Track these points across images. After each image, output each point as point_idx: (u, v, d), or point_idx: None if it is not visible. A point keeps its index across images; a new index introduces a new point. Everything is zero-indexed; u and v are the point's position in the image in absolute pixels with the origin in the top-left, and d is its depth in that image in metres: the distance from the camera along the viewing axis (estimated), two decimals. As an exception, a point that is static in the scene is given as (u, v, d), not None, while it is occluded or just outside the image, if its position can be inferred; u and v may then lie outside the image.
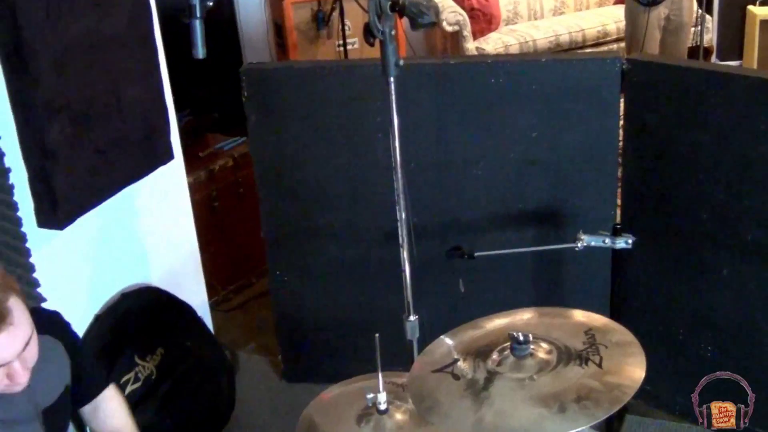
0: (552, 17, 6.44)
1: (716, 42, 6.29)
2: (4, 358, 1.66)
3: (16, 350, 1.68)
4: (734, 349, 3.00)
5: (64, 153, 2.64)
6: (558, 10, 6.49)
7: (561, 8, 6.50)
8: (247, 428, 3.44)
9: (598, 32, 6.19)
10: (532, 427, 1.64)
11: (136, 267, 3.30)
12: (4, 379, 1.70)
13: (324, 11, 5.44)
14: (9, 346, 1.66)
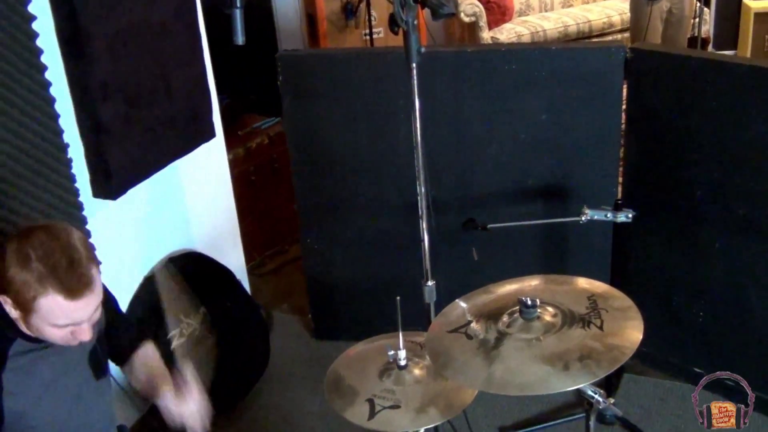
0: (561, 9, 6.40)
1: (713, 33, 6.22)
2: (77, 318, 1.69)
3: (89, 314, 1.71)
4: (724, 315, 2.99)
5: (117, 130, 2.66)
6: (567, 3, 6.44)
7: (569, 0, 6.45)
8: (280, 381, 3.47)
9: (603, 23, 6.13)
10: (538, 383, 1.64)
11: (181, 234, 3.32)
12: (69, 336, 1.72)
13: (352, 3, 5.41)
14: (84, 310, 1.69)
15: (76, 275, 1.65)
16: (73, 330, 1.72)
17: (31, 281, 1.63)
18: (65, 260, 1.64)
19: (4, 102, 2.30)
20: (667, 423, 3.02)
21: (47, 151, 2.46)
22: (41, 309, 1.65)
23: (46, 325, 1.69)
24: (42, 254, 1.63)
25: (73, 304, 1.66)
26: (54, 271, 1.63)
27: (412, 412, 1.94)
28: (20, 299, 1.66)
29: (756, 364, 2.97)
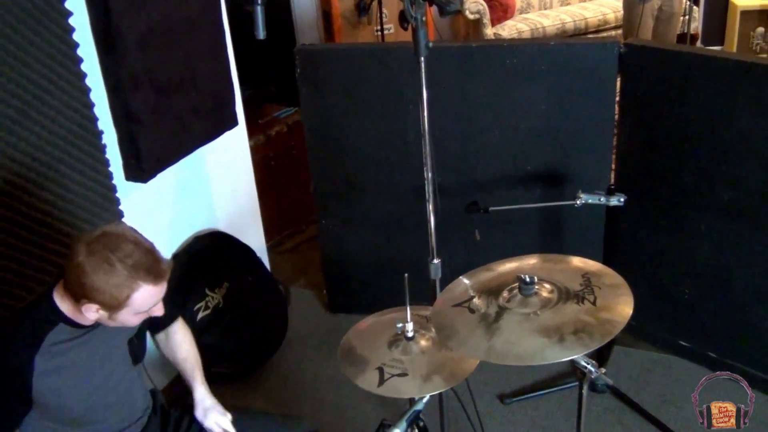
0: (559, 7, 6.36)
1: (701, 29, 6.17)
2: (160, 297, 1.76)
3: (161, 296, 1.77)
4: (709, 292, 2.98)
5: (147, 118, 2.66)
6: (565, 1, 6.40)
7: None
8: (296, 350, 3.49)
9: (599, 20, 6.10)
10: (535, 354, 1.64)
11: (206, 214, 3.33)
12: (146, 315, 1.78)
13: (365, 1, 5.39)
14: (162, 291, 1.75)
15: (156, 262, 1.70)
16: (149, 311, 1.77)
17: (121, 282, 1.66)
18: (142, 253, 1.68)
19: (44, 91, 2.30)
20: (653, 391, 3.02)
21: (83, 137, 2.47)
22: (134, 303, 1.69)
23: (132, 315, 1.73)
24: (122, 255, 1.66)
25: (158, 288, 1.72)
26: (139, 267, 1.66)
27: (419, 380, 1.94)
28: (112, 302, 1.68)
29: (737, 338, 2.97)
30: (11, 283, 2.26)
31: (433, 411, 2.41)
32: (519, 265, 1.96)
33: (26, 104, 2.26)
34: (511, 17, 6.13)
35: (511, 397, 3.05)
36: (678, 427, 2.80)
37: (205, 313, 3.13)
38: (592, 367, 1.79)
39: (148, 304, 1.74)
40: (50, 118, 2.34)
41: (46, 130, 2.33)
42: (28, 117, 2.26)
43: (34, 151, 2.30)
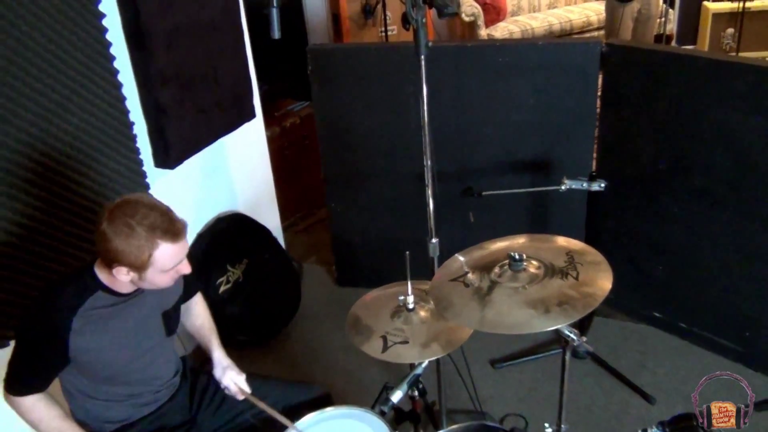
0: (547, 10, 6.31)
1: (676, 30, 6.12)
2: (182, 256, 1.74)
3: (184, 254, 1.76)
4: (681, 269, 2.98)
5: (174, 111, 2.65)
6: (552, 5, 6.35)
7: (555, 3, 6.36)
8: (309, 320, 3.50)
9: (583, 22, 6.05)
10: (523, 324, 1.64)
11: (228, 198, 3.33)
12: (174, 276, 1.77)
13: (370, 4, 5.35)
14: (184, 248, 1.74)
15: (172, 222, 1.69)
16: (176, 270, 1.75)
17: (142, 244, 1.65)
18: (158, 214, 1.67)
19: (80, 86, 2.30)
20: (629, 358, 3.02)
21: (116, 128, 2.47)
22: (157, 262, 1.68)
23: (158, 274, 1.72)
24: (140, 218, 1.65)
25: (178, 246, 1.70)
26: (155, 227, 1.65)
27: (418, 347, 1.95)
28: (137, 263, 1.68)
29: (706, 310, 2.97)
30: (50, 258, 2.27)
31: (431, 375, 2.41)
32: (509, 244, 1.96)
33: (65, 98, 2.25)
34: (503, 19, 6.09)
35: (501, 362, 3.06)
36: (652, 390, 2.81)
37: (227, 287, 3.14)
38: (575, 336, 1.79)
39: (172, 262, 1.72)
40: (86, 110, 2.34)
41: (83, 122, 2.33)
42: (66, 110, 2.26)
43: (72, 140, 2.30)
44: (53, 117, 2.23)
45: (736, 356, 2.92)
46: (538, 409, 2.78)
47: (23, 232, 2.19)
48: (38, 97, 2.17)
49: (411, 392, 2.12)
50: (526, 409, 2.80)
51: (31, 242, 2.21)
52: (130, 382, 1.91)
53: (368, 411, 1.91)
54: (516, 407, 2.81)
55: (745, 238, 2.72)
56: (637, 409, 2.75)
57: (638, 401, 2.79)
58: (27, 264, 2.22)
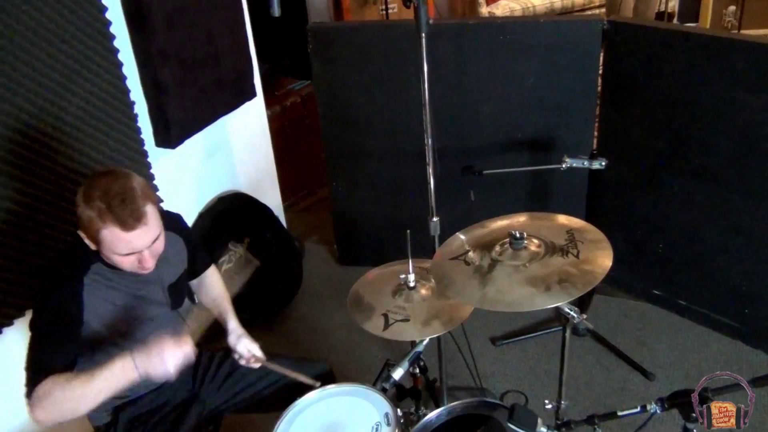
0: (549, -13, 6.24)
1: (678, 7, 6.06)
2: (136, 248, 1.69)
3: (146, 244, 1.70)
4: (680, 246, 2.99)
5: (174, 90, 2.64)
6: (554, -18, 6.28)
7: (556, -20, 6.29)
8: (310, 298, 3.51)
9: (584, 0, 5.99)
10: (524, 302, 1.65)
11: (229, 177, 3.32)
12: (136, 263, 1.73)
13: (371, -18, 5.31)
14: (140, 240, 1.68)
15: (128, 210, 1.64)
16: (138, 258, 1.72)
17: (94, 217, 1.64)
18: (120, 198, 1.64)
19: (81, 66, 2.29)
20: (629, 335, 3.04)
21: (116, 107, 2.46)
22: (105, 240, 1.66)
23: (112, 254, 1.70)
24: (101, 193, 1.63)
25: (128, 235, 1.65)
26: (110, 207, 1.63)
27: (419, 325, 1.95)
28: (89, 233, 1.68)
29: (704, 287, 2.98)
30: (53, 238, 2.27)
31: (432, 352, 2.43)
32: (510, 222, 1.96)
33: (66, 78, 2.24)
34: (504, -3, 6.03)
35: (501, 339, 3.08)
36: (650, 366, 2.83)
37: (229, 266, 3.15)
38: (575, 314, 1.80)
39: (121, 249, 1.67)
40: (86, 90, 2.33)
41: (83, 101, 2.32)
42: (67, 89, 2.25)
43: (72, 120, 2.30)
44: (53, 97, 2.22)
45: (735, 333, 2.93)
46: (538, 386, 2.80)
47: (25, 211, 2.19)
48: (38, 77, 2.16)
49: (412, 369, 2.14)
50: (527, 385, 2.82)
51: (33, 222, 2.22)
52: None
53: (370, 388, 1.92)
54: (516, 384, 2.83)
55: (744, 215, 2.71)
56: (636, 386, 2.77)
57: (637, 378, 2.81)
58: (29, 244, 2.22)
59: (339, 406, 1.89)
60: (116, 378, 1.63)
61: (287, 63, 4.44)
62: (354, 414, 1.84)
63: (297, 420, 1.86)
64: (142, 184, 1.72)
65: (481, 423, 1.80)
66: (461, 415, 1.84)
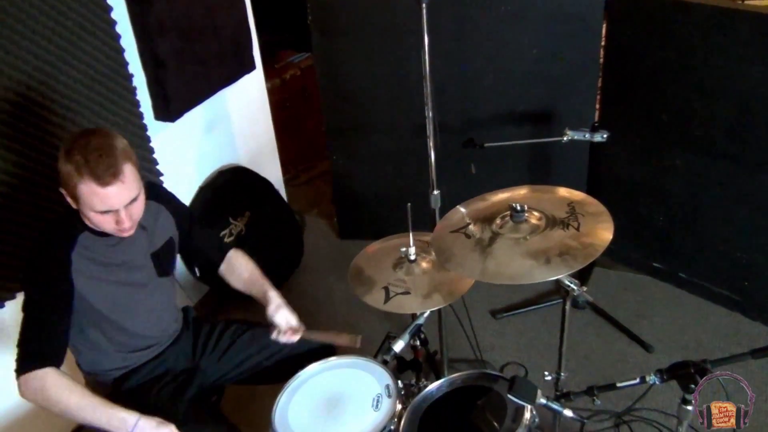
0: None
1: (682, -22, 5.98)
2: (112, 205, 1.68)
3: (122, 202, 1.69)
4: (680, 219, 2.98)
5: (173, 63, 2.62)
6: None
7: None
8: (311, 272, 3.52)
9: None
10: (524, 274, 1.65)
11: (229, 151, 3.31)
12: (113, 224, 1.72)
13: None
14: (116, 197, 1.67)
15: (104, 165, 1.63)
16: (115, 219, 1.71)
17: (72, 171, 1.64)
18: (98, 153, 1.63)
19: (78, 38, 2.27)
20: (628, 308, 3.05)
21: (115, 80, 2.44)
22: (82, 195, 1.66)
23: (90, 211, 1.69)
24: (80, 148, 1.63)
25: (103, 191, 1.64)
26: (87, 162, 1.62)
27: (420, 298, 1.96)
28: (68, 189, 1.68)
29: (704, 260, 2.98)
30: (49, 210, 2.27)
31: (432, 325, 2.44)
32: (510, 195, 1.95)
33: (63, 50, 2.22)
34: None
35: (501, 312, 3.09)
36: (649, 338, 2.84)
37: (230, 239, 3.15)
38: (575, 286, 1.80)
39: (97, 205, 1.67)
40: (84, 62, 2.31)
41: (81, 74, 2.30)
42: (64, 62, 2.24)
43: (71, 93, 2.28)
44: (52, 69, 2.20)
45: (734, 305, 2.94)
46: (538, 358, 2.82)
47: (21, 184, 2.18)
48: (36, 49, 2.14)
49: (413, 342, 2.15)
50: (526, 357, 2.83)
51: (30, 194, 2.21)
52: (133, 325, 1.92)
53: (371, 360, 1.93)
54: (516, 356, 2.85)
55: (745, 188, 2.71)
56: (635, 358, 2.79)
57: (637, 350, 2.82)
58: (26, 216, 2.22)
59: (340, 378, 1.90)
60: (110, 424, 1.65)
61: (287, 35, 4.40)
62: (355, 386, 1.86)
63: (299, 391, 1.87)
64: (124, 144, 1.72)
65: (482, 394, 1.81)
66: (461, 387, 1.85)
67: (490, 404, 1.76)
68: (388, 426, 1.71)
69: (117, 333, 1.89)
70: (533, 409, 1.69)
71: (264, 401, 1.87)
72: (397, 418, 1.74)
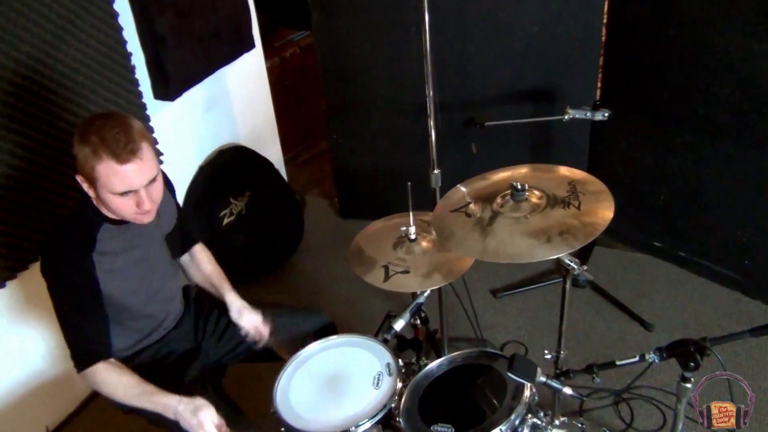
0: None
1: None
2: (131, 185, 1.66)
3: (142, 182, 1.67)
4: (681, 197, 2.98)
5: (172, 41, 2.60)
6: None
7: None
8: (312, 251, 3.52)
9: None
10: (524, 253, 1.65)
11: (229, 130, 3.30)
12: (134, 206, 1.70)
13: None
14: (135, 176, 1.65)
15: (122, 142, 1.61)
16: (136, 201, 1.68)
17: (88, 153, 1.61)
18: (114, 131, 1.61)
19: (76, 16, 2.25)
20: (628, 287, 3.05)
21: (113, 58, 2.43)
22: (100, 176, 1.63)
23: (109, 195, 1.66)
24: (96, 129, 1.61)
25: (122, 169, 1.62)
26: (104, 141, 1.60)
27: (420, 277, 1.96)
28: (86, 172, 1.65)
29: (704, 239, 2.99)
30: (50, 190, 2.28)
31: (433, 303, 2.45)
32: (511, 174, 1.95)
33: (60, 29, 2.21)
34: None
35: (502, 291, 3.10)
36: (650, 317, 2.85)
37: (230, 219, 3.15)
38: (575, 265, 1.80)
39: (117, 186, 1.65)
40: (82, 41, 2.29)
41: (79, 53, 2.29)
42: (62, 40, 2.22)
43: (70, 72, 2.27)
44: (50, 49, 2.19)
45: (734, 284, 2.95)
46: (538, 337, 2.83)
47: (23, 164, 2.18)
48: (33, 27, 2.13)
49: (413, 320, 2.15)
50: (526, 336, 2.85)
51: (31, 175, 2.21)
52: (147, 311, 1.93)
53: (372, 339, 1.94)
54: (516, 335, 2.86)
55: (747, 167, 2.70)
56: (634, 336, 2.80)
57: (636, 328, 2.83)
58: (28, 197, 2.22)
59: (341, 356, 1.91)
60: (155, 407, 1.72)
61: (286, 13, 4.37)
62: (356, 364, 1.87)
63: (300, 370, 1.88)
64: (139, 125, 1.70)
65: (482, 373, 1.82)
66: (462, 365, 1.86)
67: (490, 382, 1.77)
68: (389, 404, 1.72)
69: (130, 318, 1.89)
70: (533, 387, 1.70)
71: (265, 380, 1.88)
72: (397, 396, 1.75)
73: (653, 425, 2.40)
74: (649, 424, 2.41)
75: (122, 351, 1.92)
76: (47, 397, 2.56)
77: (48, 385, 2.54)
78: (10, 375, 2.43)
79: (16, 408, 2.45)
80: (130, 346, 1.94)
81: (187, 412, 1.67)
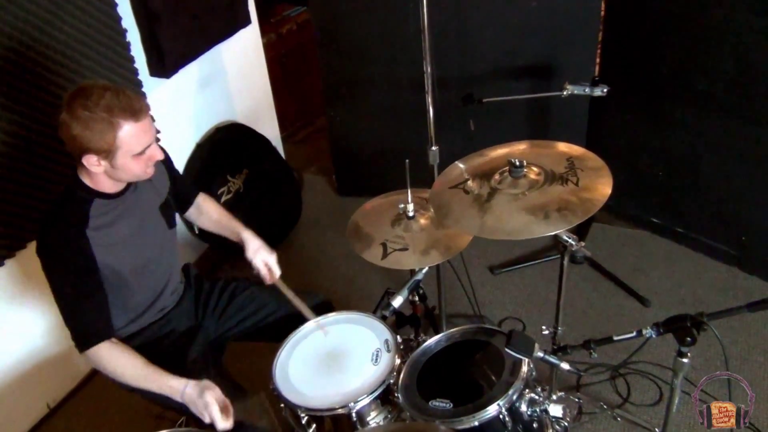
0: None
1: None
2: (149, 140, 1.67)
3: (152, 137, 1.69)
4: (680, 173, 2.98)
5: (167, 17, 2.58)
6: None
7: None
8: (310, 228, 3.52)
9: None
10: (522, 230, 1.65)
11: (225, 107, 3.28)
12: (143, 165, 1.70)
13: None
14: (150, 131, 1.67)
15: (129, 99, 1.61)
16: (149, 155, 1.70)
17: (104, 128, 1.59)
18: (113, 94, 1.60)
19: (69, -8, 2.22)
20: (626, 263, 3.06)
21: (108, 35, 2.40)
22: (123, 143, 1.62)
23: (129, 159, 1.66)
24: (95, 100, 1.58)
25: (141, 125, 1.63)
26: (113, 107, 1.59)
27: (418, 254, 1.96)
28: (104, 147, 1.62)
29: (702, 215, 2.99)
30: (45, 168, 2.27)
31: (431, 280, 2.45)
32: (509, 150, 1.94)
33: (54, 5, 2.18)
34: None
35: (499, 268, 3.10)
36: (646, 292, 2.86)
37: (228, 197, 3.15)
38: (573, 241, 1.80)
39: (139, 144, 1.65)
40: (77, 18, 2.27)
41: (74, 29, 2.27)
42: (57, 18, 2.20)
43: (64, 49, 2.25)
44: (44, 25, 2.17)
45: (731, 260, 2.96)
46: (536, 313, 2.84)
47: (18, 142, 2.17)
48: (27, 4, 2.10)
49: (411, 297, 2.16)
50: (524, 312, 2.86)
51: (26, 152, 2.20)
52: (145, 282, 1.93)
53: (370, 315, 1.95)
54: (514, 311, 2.87)
55: (745, 143, 2.69)
56: (631, 312, 2.81)
57: (633, 304, 2.85)
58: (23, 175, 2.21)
59: (340, 333, 1.92)
60: (161, 389, 1.72)
61: (282, -11, 4.33)
62: (355, 341, 1.87)
63: (299, 347, 1.89)
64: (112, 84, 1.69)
65: (480, 349, 1.83)
66: (460, 342, 1.87)
67: (488, 358, 1.78)
68: (388, 380, 1.73)
69: (130, 294, 1.89)
70: (531, 363, 1.71)
71: (265, 357, 1.89)
72: (396, 372, 1.76)
73: (650, 400, 2.42)
74: (645, 398, 2.43)
75: (123, 329, 1.93)
76: (48, 375, 2.58)
77: (49, 362, 2.56)
78: (11, 353, 2.44)
79: (17, 386, 2.47)
80: (131, 321, 1.94)
81: (194, 394, 1.68)
